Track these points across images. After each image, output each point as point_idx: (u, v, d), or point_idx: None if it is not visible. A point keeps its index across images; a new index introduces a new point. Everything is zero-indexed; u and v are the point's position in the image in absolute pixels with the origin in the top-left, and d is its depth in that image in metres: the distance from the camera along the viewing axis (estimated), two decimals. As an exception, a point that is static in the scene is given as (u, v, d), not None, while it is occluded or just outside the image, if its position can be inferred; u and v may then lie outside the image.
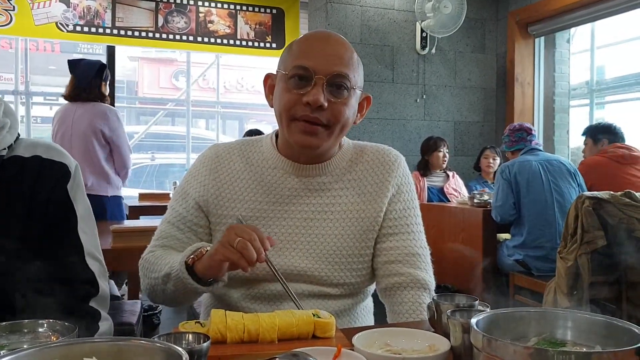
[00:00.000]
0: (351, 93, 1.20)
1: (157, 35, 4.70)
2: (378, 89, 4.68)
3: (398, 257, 1.26)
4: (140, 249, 1.29)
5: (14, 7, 4.29)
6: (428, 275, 1.27)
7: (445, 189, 4.36)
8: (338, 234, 1.24)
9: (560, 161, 3.37)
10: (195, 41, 4.83)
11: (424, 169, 4.39)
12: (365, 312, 1.34)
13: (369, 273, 1.29)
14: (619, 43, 5.97)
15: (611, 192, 2.46)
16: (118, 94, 6.29)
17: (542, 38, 4.97)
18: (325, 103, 1.16)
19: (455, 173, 4.54)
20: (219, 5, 4.89)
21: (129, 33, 4.63)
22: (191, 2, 4.80)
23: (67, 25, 4.45)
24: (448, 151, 4.43)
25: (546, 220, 3.18)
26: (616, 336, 0.72)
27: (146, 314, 3.23)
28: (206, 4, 4.85)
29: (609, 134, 3.66)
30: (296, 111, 1.18)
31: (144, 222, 3.10)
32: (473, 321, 0.73)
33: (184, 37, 4.79)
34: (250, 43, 4.99)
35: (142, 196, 4.27)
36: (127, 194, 3.79)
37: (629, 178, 3.42)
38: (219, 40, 4.91)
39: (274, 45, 5.04)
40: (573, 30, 5.04)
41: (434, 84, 4.89)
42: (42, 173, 1.10)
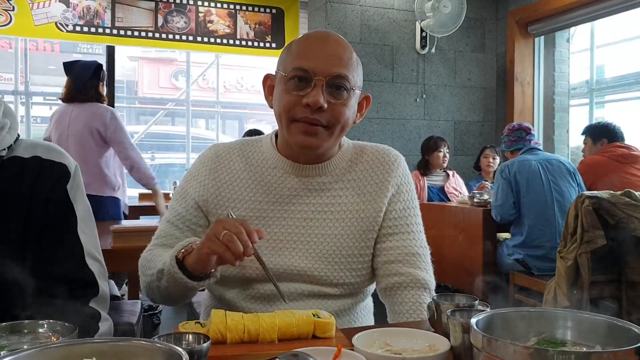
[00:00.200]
0: (351, 94, 1.20)
1: (157, 35, 4.70)
2: (378, 89, 4.68)
3: (398, 257, 1.26)
4: (140, 249, 1.29)
5: (14, 7, 4.28)
6: (428, 275, 1.27)
7: (445, 189, 4.36)
8: (338, 234, 1.24)
9: (559, 160, 3.36)
10: (195, 41, 4.83)
11: (424, 169, 4.39)
12: (365, 312, 1.35)
13: (369, 273, 1.28)
14: (619, 42, 5.97)
15: (611, 192, 2.46)
16: (118, 94, 6.30)
17: (542, 37, 4.97)
18: (325, 104, 1.16)
19: (455, 172, 4.54)
20: (219, 5, 4.89)
21: (129, 33, 4.62)
22: (191, 2, 4.80)
23: (67, 25, 4.45)
24: (448, 151, 4.43)
25: (546, 219, 3.18)
26: (616, 336, 0.72)
27: (146, 314, 3.22)
28: (206, 4, 4.84)
29: (609, 134, 3.66)
30: (296, 113, 1.18)
31: (144, 222, 3.10)
32: (473, 321, 0.73)
33: (184, 37, 4.79)
34: (249, 43, 4.99)
35: (142, 196, 4.27)
36: (127, 194, 3.77)
37: (629, 177, 3.42)
38: (219, 40, 4.90)
39: (274, 45, 5.04)
40: (573, 29, 5.04)
41: (434, 84, 4.89)
42: (42, 173, 1.10)
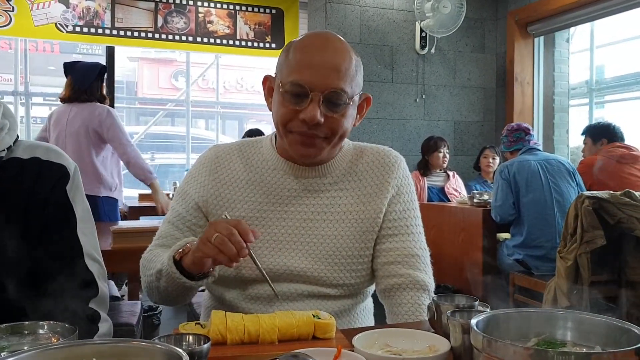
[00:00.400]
0: (349, 104, 1.18)
1: (157, 35, 4.70)
2: (377, 89, 4.68)
3: (397, 259, 1.25)
4: (140, 250, 1.29)
5: (14, 8, 4.28)
6: (427, 276, 1.27)
7: (445, 189, 4.36)
8: (338, 235, 1.24)
9: (559, 160, 3.36)
10: (194, 41, 4.83)
11: (424, 169, 4.39)
12: (365, 313, 1.34)
13: (369, 274, 1.28)
14: (618, 42, 5.97)
15: (611, 192, 2.46)
16: (118, 95, 6.30)
17: (542, 37, 4.97)
18: (321, 119, 1.15)
19: (455, 173, 4.54)
20: (219, 5, 4.89)
21: (129, 33, 4.62)
22: (190, 3, 4.80)
23: (67, 25, 4.45)
24: (448, 151, 4.43)
25: (546, 219, 3.18)
26: (616, 336, 0.72)
27: (146, 315, 3.22)
28: (205, 4, 4.84)
29: (608, 134, 3.66)
30: (293, 126, 1.18)
31: (144, 223, 3.09)
32: (473, 322, 0.73)
33: (184, 38, 4.79)
34: (249, 43, 4.99)
35: (142, 197, 4.27)
36: (127, 195, 3.77)
37: (629, 177, 3.42)
38: (219, 40, 4.90)
39: (274, 45, 5.04)
40: (572, 29, 5.04)
41: (434, 84, 4.89)
42: (41, 174, 1.10)
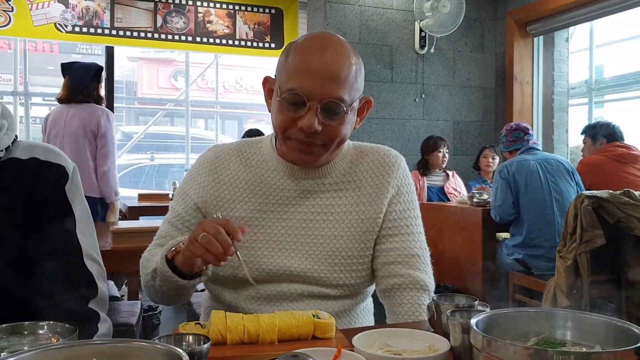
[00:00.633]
0: (347, 112, 1.17)
1: (156, 35, 4.70)
2: (377, 89, 4.68)
3: (397, 259, 1.25)
4: (140, 250, 1.29)
5: (13, 8, 4.28)
6: (427, 276, 1.27)
7: (445, 189, 4.36)
8: (338, 236, 1.24)
9: (558, 160, 3.36)
10: (194, 41, 4.83)
11: (424, 169, 4.39)
12: (365, 313, 1.34)
13: (369, 274, 1.28)
14: (618, 42, 5.97)
15: (610, 191, 2.46)
16: (117, 94, 6.30)
17: (541, 37, 4.97)
18: (319, 128, 1.14)
19: (455, 172, 4.54)
20: (218, 5, 4.88)
21: (128, 33, 4.62)
22: (190, 3, 4.80)
23: (66, 25, 4.45)
24: (448, 151, 4.43)
25: (545, 219, 3.18)
26: (616, 336, 0.72)
27: (146, 315, 3.22)
28: (205, 4, 4.84)
29: (608, 133, 3.66)
30: (291, 133, 1.18)
31: (144, 223, 3.09)
32: (473, 321, 0.73)
33: (183, 37, 4.79)
34: (249, 43, 4.99)
35: (142, 197, 4.27)
36: (127, 195, 3.77)
37: (628, 177, 3.42)
38: (218, 40, 4.90)
39: (273, 45, 5.03)
40: (572, 29, 5.04)
41: (433, 84, 4.89)
42: (40, 175, 1.10)
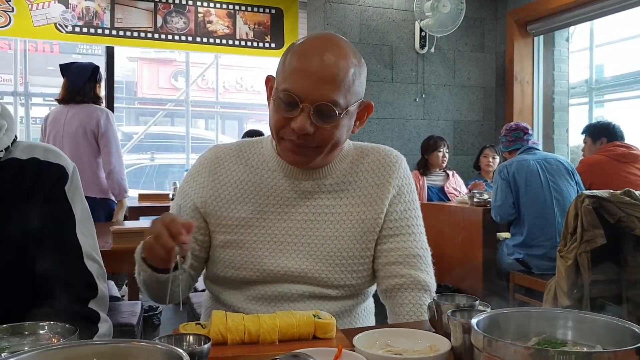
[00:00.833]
0: (342, 116, 1.16)
1: (156, 35, 4.70)
2: (377, 89, 4.68)
3: (398, 259, 1.25)
4: (140, 250, 1.29)
5: (13, 9, 4.28)
6: (429, 276, 1.26)
7: (445, 188, 4.36)
8: (339, 236, 1.24)
9: (557, 160, 3.36)
10: (194, 41, 4.83)
11: (424, 168, 4.39)
12: (366, 313, 1.34)
13: (370, 275, 1.28)
14: (618, 41, 5.97)
15: (611, 191, 2.45)
16: (117, 95, 6.30)
17: (541, 37, 4.97)
18: (311, 129, 1.14)
19: (455, 172, 4.54)
20: (218, 5, 4.88)
21: (128, 33, 4.62)
22: (190, 3, 4.80)
23: (66, 26, 4.45)
24: (448, 150, 4.43)
25: (545, 218, 3.18)
26: (616, 336, 0.72)
27: (146, 315, 3.22)
28: (205, 4, 4.84)
29: (608, 133, 3.65)
30: (284, 133, 1.18)
31: (144, 223, 3.10)
32: (473, 321, 0.73)
33: (183, 38, 4.79)
34: (249, 43, 4.99)
35: (142, 197, 4.27)
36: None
37: (628, 176, 3.42)
38: (218, 40, 4.90)
39: (273, 45, 5.03)
40: (572, 28, 5.04)
41: (433, 83, 4.89)
42: (40, 175, 1.10)
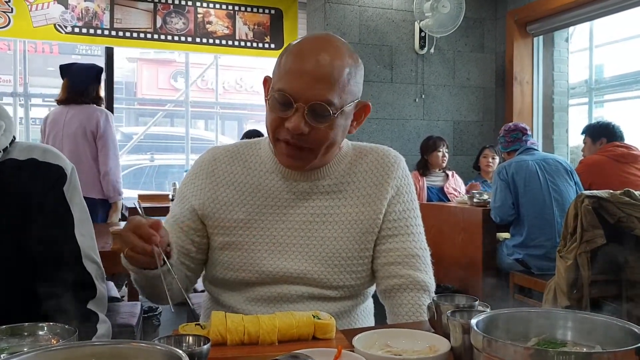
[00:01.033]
0: (337, 116, 1.16)
1: (156, 36, 4.70)
2: (377, 89, 4.68)
3: (397, 259, 1.25)
4: (140, 251, 1.29)
5: (12, 9, 4.28)
6: (428, 276, 1.26)
7: (445, 189, 4.36)
8: (337, 237, 1.24)
9: (556, 160, 3.36)
10: (193, 42, 4.82)
11: (424, 169, 4.39)
12: (365, 314, 1.34)
13: (369, 275, 1.28)
14: (618, 42, 5.97)
15: (610, 191, 2.46)
16: (117, 95, 6.30)
17: (541, 37, 4.97)
18: (305, 129, 1.13)
19: (454, 173, 4.54)
20: (217, 5, 4.88)
21: (128, 34, 4.62)
22: (189, 3, 4.80)
23: (66, 26, 4.45)
24: (447, 151, 4.43)
25: (545, 219, 3.18)
26: (616, 336, 0.72)
27: (146, 316, 3.22)
28: (204, 5, 4.84)
29: (608, 133, 3.66)
30: (279, 133, 1.17)
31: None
32: (473, 322, 0.73)
33: (183, 38, 4.79)
34: (248, 44, 4.99)
35: (141, 197, 4.27)
36: (126, 196, 3.77)
37: (628, 177, 3.42)
38: (218, 40, 4.90)
39: (273, 45, 5.03)
40: (572, 29, 5.04)
41: (433, 84, 4.89)
42: (38, 176, 1.10)
